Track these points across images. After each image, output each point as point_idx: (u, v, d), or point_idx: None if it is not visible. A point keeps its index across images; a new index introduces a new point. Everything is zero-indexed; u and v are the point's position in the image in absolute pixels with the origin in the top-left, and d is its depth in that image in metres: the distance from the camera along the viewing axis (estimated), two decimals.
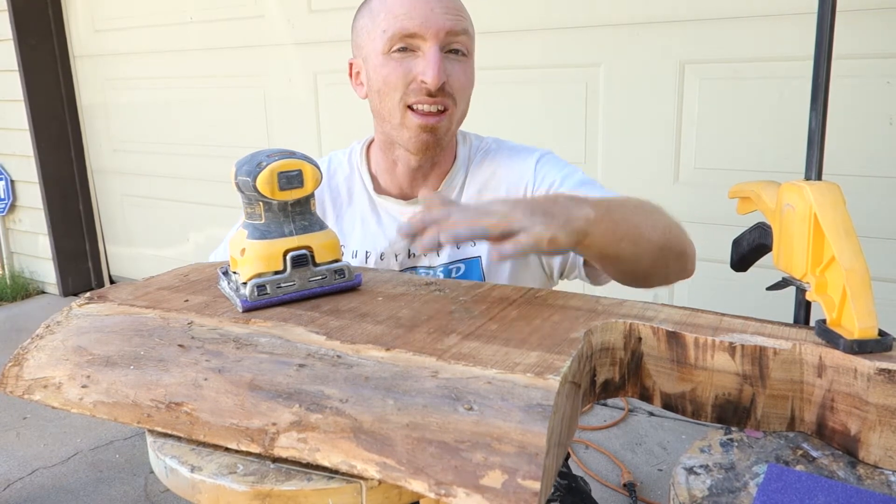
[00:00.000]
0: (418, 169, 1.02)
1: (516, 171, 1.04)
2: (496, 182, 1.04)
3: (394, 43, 0.92)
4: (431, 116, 0.94)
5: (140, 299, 0.75)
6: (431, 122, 0.94)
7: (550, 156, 1.06)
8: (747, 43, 1.83)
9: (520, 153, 1.06)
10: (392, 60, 0.93)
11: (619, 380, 0.65)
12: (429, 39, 0.92)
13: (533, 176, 1.02)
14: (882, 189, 1.73)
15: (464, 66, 0.96)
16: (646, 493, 1.82)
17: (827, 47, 0.76)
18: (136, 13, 3.00)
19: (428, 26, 0.91)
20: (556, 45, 2.10)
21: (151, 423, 0.58)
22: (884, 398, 0.53)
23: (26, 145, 3.25)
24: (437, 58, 0.91)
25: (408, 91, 0.93)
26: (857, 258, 0.59)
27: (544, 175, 1.02)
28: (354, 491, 0.51)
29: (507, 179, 1.04)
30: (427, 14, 0.91)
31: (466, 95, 0.98)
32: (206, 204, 3.02)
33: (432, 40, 0.91)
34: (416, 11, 0.91)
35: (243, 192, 0.73)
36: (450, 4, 0.93)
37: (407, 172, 1.03)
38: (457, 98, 0.95)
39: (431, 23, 0.91)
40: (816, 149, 0.79)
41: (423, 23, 0.91)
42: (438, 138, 0.96)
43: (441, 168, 1.05)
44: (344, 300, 0.72)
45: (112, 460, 2.07)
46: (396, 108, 0.95)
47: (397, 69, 0.93)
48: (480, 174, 1.05)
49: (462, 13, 0.95)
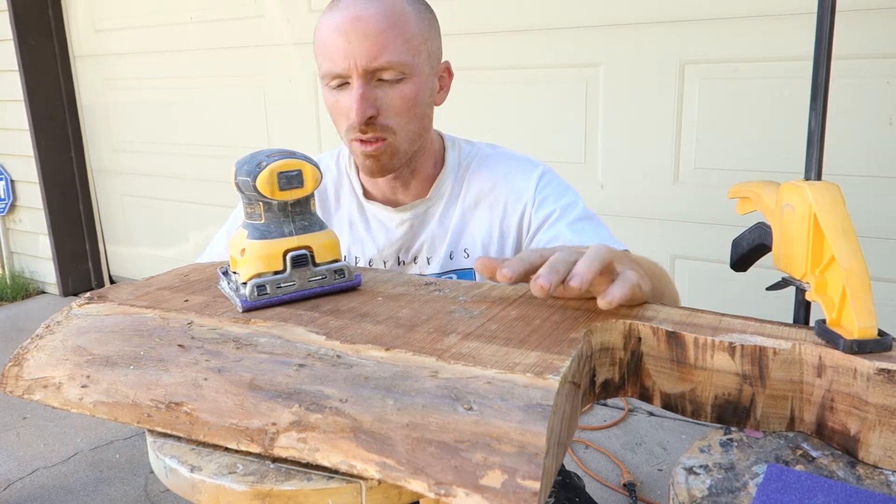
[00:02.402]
0: (395, 178, 1.02)
1: (516, 186, 1.02)
2: (495, 196, 1.03)
3: (327, 79, 0.93)
4: (370, 144, 0.94)
5: (140, 299, 0.75)
6: (370, 150, 0.94)
7: (551, 174, 1.05)
8: (747, 43, 1.83)
9: (520, 166, 1.05)
10: (331, 93, 0.95)
11: (618, 380, 0.65)
12: (352, 74, 0.91)
13: (532, 196, 1.01)
14: (882, 189, 1.73)
15: (400, 91, 0.93)
16: (646, 493, 1.82)
17: (826, 47, 0.76)
18: (136, 13, 3.00)
19: (348, 65, 0.90)
20: (556, 45, 2.10)
21: (151, 423, 0.58)
22: (883, 398, 0.53)
23: (26, 145, 3.25)
24: (358, 95, 0.90)
25: (348, 126, 0.94)
26: (857, 258, 0.59)
27: (544, 198, 1.01)
28: (354, 491, 0.51)
29: (506, 193, 1.02)
30: (347, 51, 0.89)
31: (411, 117, 0.95)
32: (206, 204, 3.02)
33: (355, 76, 0.90)
34: (336, 48, 0.90)
35: (243, 192, 0.73)
36: (370, 31, 0.89)
37: (385, 181, 1.03)
38: (394, 125, 0.94)
39: (350, 59, 0.89)
40: (816, 149, 0.79)
41: (343, 59, 0.90)
42: (383, 163, 0.96)
43: (423, 174, 1.04)
44: (344, 300, 0.73)
45: (112, 460, 2.07)
46: (344, 136, 0.97)
47: (336, 103, 0.94)
48: (477, 185, 1.04)
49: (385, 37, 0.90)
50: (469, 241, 1.03)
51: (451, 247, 1.03)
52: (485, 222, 1.03)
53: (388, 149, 0.95)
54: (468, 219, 1.04)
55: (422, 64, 0.95)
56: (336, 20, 0.90)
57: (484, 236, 1.03)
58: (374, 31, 0.89)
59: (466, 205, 1.04)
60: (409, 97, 0.94)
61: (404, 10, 0.92)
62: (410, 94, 0.94)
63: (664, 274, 0.85)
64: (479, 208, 1.03)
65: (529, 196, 1.01)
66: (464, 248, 1.03)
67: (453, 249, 1.03)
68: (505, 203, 1.02)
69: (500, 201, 1.03)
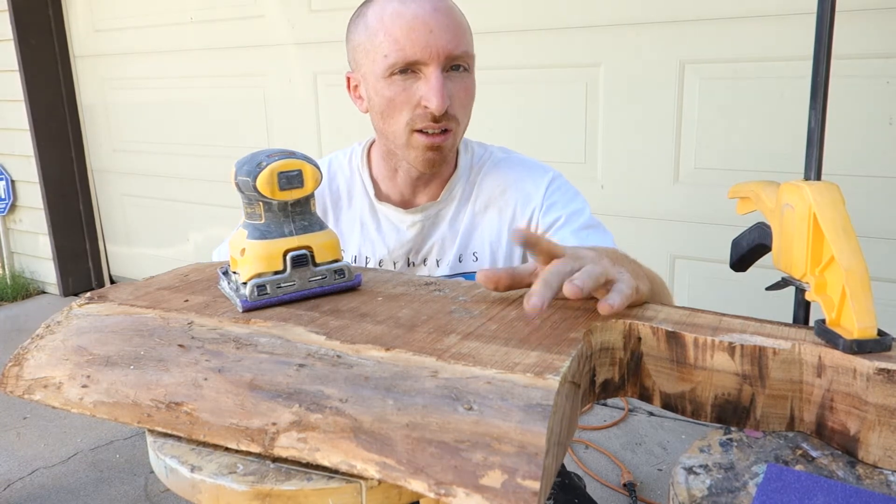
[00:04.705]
0: (419, 178, 1.02)
1: (526, 191, 1.03)
2: (504, 200, 1.03)
3: (396, 68, 0.91)
4: (437, 137, 0.94)
5: (140, 299, 0.75)
6: (437, 142, 0.94)
7: (560, 181, 1.05)
8: (747, 43, 1.83)
9: (531, 171, 1.05)
10: (394, 84, 0.92)
11: (618, 380, 0.65)
12: (430, 64, 0.90)
13: (541, 200, 1.02)
14: (882, 189, 1.73)
15: (465, 83, 0.95)
16: (646, 493, 1.82)
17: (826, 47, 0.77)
18: (136, 13, 3.00)
19: (429, 51, 0.89)
20: (557, 45, 2.10)
21: (151, 422, 0.58)
22: (883, 398, 0.53)
23: (26, 145, 3.25)
24: (439, 84, 0.90)
25: (413, 116, 0.93)
26: (857, 258, 0.59)
27: (552, 203, 1.02)
28: (354, 491, 0.51)
29: (515, 197, 1.03)
30: (427, 38, 0.89)
31: (469, 110, 0.98)
32: (206, 204, 3.02)
33: (434, 64, 0.90)
34: (415, 36, 0.89)
35: (243, 192, 0.73)
36: (449, 23, 0.91)
37: (408, 181, 1.03)
38: (459, 117, 0.95)
39: (433, 47, 0.89)
40: (816, 149, 0.79)
41: (424, 48, 0.89)
42: (444, 155, 0.97)
43: (441, 176, 1.04)
44: (344, 300, 0.73)
45: (112, 460, 2.07)
46: (402, 130, 0.95)
47: (400, 94, 0.92)
48: (488, 188, 1.05)
49: (461, 29, 0.93)
50: (478, 245, 1.04)
51: (461, 249, 1.04)
52: (494, 226, 1.03)
53: (451, 140, 0.96)
54: (478, 222, 1.04)
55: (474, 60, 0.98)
56: (411, 11, 0.90)
57: (493, 240, 1.03)
58: (453, 22, 0.92)
59: (477, 208, 1.04)
60: (471, 90, 0.97)
61: (458, 8, 0.96)
62: (471, 86, 0.97)
63: (662, 282, 0.85)
64: (488, 212, 1.04)
65: (538, 201, 1.02)
66: (473, 251, 1.04)
67: (462, 252, 1.04)
68: (514, 207, 1.03)
69: (509, 205, 1.03)
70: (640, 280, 0.67)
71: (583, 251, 0.66)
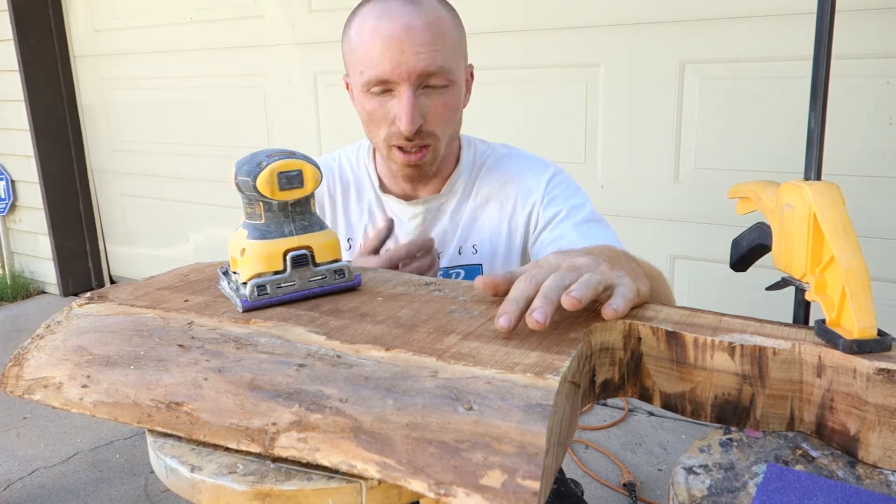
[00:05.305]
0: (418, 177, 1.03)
1: (527, 185, 1.03)
2: (505, 194, 1.04)
3: (370, 85, 0.92)
4: (413, 155, 0.95)
5: (140, 299, 0.75)
6: (413, 160, 0.95)
7: (562, 176, 1.06)
8: (747, 43, 1.83)
9: (532, 166, 1.06)
10: (372, 99, 0.93)
11: (618, 380, 0.65)
12: (401, 83, 0.90)
13: (542, 195, 1.02)
14: (882, 189, 1.73)
15: (444, 98, 0.93)
16: (646, 493, 1.82)
17: (826, 47, 0.76)
18: (136, 13, 3.00)
19: (399, 71, 0.89)
20: (556, 45, 2.10)
21: (151, 422, 0.58)
22: (883, 398, 0.53)
23: (26, 145, 3.25)
24: (409, 104, 0.90)
25: (390, 133, 0.93)
26: (857, 258, 0.59)
27: (553, 198, 1.02)
28: (354, 491, 0.51)
29: (516, 191, 1.03)
30: (398, 58, 0.89)
31: (451, 122, 0.97)
32: (206, 204, 3.02)
33: (405, 84, 0.90)
34: (387, 55, 0.89)
35: (243, 192, 0.73)
36: (423, 39, 0.89)
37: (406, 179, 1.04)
38: (438, 132, 0.95)
39: (403, 66, 0.89)
40: (816, 149, 0.79)
41: (394, 67, 0.89)
42: (424, 170, 0.98)
43: (442, 173, 1.05)
44: (344, 300, 0.73)
45: (112, 460, 2.07)
46: (382, 144, 0.97)
47: (378, 109, 0.93)
48: (489, 183, 1.05)
49: (440, 44, 0.91)
50: (478, 237, 1.05)
51: (461, 242, 1.05)
52: (494, 219, 1.04)
53: (431, 155, 0.96)
54: (478, 215, 1.05)
55: (460, 69, 0.96)
56: (385, 28, 0.89)
57: (493, 232, 1.04)
58: (427, 39, 0.89)
59: (478, 202, 1.05)
60: (451, 104, 0.95)
61: (444, 17, 0.93)
62: (452, 100, 0.95)
63: (662, 278, 0.85)
64: (489, 205, 1.05)
65: (539, 195, 1.02)
66: (472, 243, 1.05)
67: (462, 245, 1.05)
68: (515, 200, 1.03)
69: (510, 199, 1.04)
70: (639, 281, 0.67)
71: (580, 259, 0.64)
